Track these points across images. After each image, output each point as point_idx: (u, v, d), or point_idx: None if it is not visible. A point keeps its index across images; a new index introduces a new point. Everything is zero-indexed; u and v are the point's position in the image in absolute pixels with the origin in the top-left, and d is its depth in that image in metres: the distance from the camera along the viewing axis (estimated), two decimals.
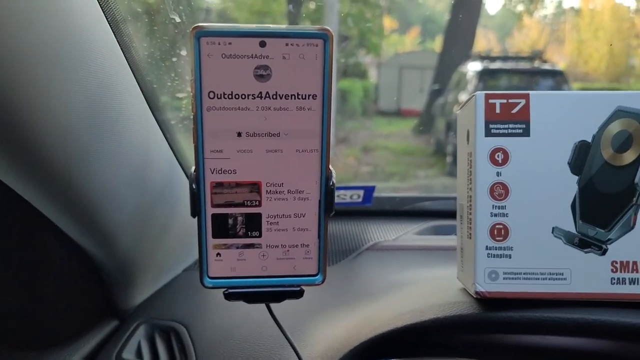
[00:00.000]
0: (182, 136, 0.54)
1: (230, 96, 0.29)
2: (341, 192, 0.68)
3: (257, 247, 0.31)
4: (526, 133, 0.36)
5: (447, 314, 0.37)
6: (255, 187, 0.31)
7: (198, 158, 0.30)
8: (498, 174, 0.36)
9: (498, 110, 0.36)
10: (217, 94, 0.29)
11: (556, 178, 0.36)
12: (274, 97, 0.29)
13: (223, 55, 0.28)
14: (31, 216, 0.39)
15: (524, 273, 0.36)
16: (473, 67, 3.83)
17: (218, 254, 0.31)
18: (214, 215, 0.31)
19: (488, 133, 0.37)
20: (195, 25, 0.28)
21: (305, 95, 0.30)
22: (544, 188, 0.36)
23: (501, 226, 0.36)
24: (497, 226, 0.36)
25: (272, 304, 0.33)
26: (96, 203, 0.41)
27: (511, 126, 0.36)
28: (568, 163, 0.36)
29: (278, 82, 0.29)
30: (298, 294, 0.32)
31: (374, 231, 0.68)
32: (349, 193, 0.68)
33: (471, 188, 0.37)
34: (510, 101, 0.36)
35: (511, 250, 0.36)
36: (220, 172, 0.30)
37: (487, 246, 0.36)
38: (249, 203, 0.31)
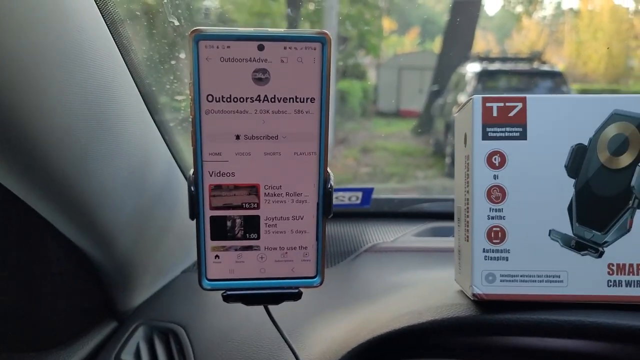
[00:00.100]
0: (181, 138, 0.54)
1: (228, 99, 0.29)
2: (340, 194, 0.68)
3: (256, 250, 0.31)
4: (523, 136, 0.36)
5: (445, 316, 0.37)
6: (253, 190, 0.31)
7: (197, 161, 0.30)
8: (495, 177, 0.37)
9: (495, 113, 0.37)
10: (216, 97, 0.29)
11: (553, 181, 0.36)
12: (272, 100, 0.29)
13: (221, 58, 0.28)
14: (29, 217, 0.39)
15: (521, 275, 0.36)
16: (472, 68, 3.83)
17: (216, 256, 0.31)
18: (213, 217, 0.31)
19: (485, 136, 0.37)
20: (194, 28, 0.28)
21: (303, 98, 0.30)
22: (541, 191, 0.36)
23: (498, 229, 0.37)
24: (494, 229, 0.37)
25: (271, 306, 0.34)
26: (94, 204, 0.41)
27: (508, 129, 0.37)
28: (565, 166, 0.36)
29: (276, 86, 0.29)
30: (296, 296, 0.32)
31: (373, 233, 0.68)
32: (348, 195, 0.68)
33: (468, 191, 0.38)
34: (507, 104, 0.37)
35: (508, 252, 0.37)
36: (218, 175, 0.30)
37: (484, 249, 0.37)
38: (248, 205, 0.31)
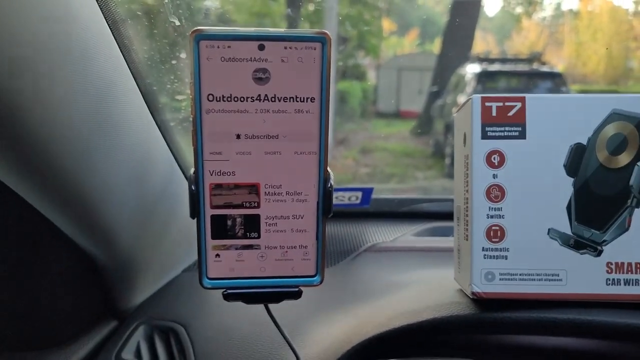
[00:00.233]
0: (182, 138, 0.54)
1: (229, 99, 0.29)
2: (339, 194, 0.68)
3: (256, 248, 0.32)
4: (522, 136, 0.37)
5: (444, 315, 0.37)
6: (254, 189, 0.31)
7: (197, 160, 0.30)
8: (494, 176, 0.37)
9: (494, 113, 0.37)
10: (216, 97, 0.29)
11: (552, 180, 0.37)
12: (273, 100, 0.30)
13: (222, 58, 0.28)
14: (30, 216, 0.39)
15: (520, 274, 0.37)
16: (472, 69, 3.84)
17: (217, 255, 0.31)
18: (213, 216, 0.31)
19: (484, 136, 0.37)
20: (194, 28, 0.28)
21: (303, 98, 0.30)
22: (540, 190, 0.37)
23: (497, 227, 0.37)
24: (494, 227, 0.37)
25: (271, 305, 0.34)
26: (96, 203, 0.41)
27: (507, 129, 0.37)
28: (564, 165, 0.37)
29: (277, 85, 0.29)
30: (296, 295, 0.32)
31: (372, 232, 0.69)
32: (348, 195, 0.68)
33: (468, 190, 0.38)
34: (506, 104, 0.37)
35: (507, 251, 0.37)
36: (219, 174, 0.30)
37: (484, 247, 0.37)
38: (248, 204, 0.31)
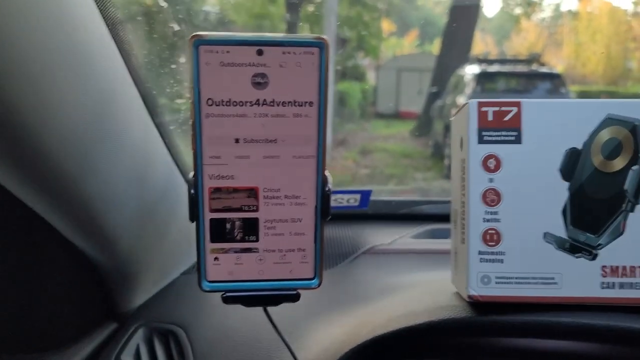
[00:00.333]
0: (181, 142, 0.54)
1: (228, 103, 0.29)
2: (338, 196, 0.68)
3: (255, 252, 0.32)
4: (518, 140, 0.37)
5: (441, 318, 0.38)
6: (252, 193, 0.31)
7: (197, 164, 0.30)
8: (490, 181, 0.37)
9: (490, 117, 0.37)
10: (216, 101, 0.29)
11: (547, 184, 0.37)
12: (271, 104, 0.30)
13: (221, 63, 0.29)
14: (30, 219, 0.40)
15: (516, 277, 0.37)
16: (471, 70, 3.84)
17: (216, 258, 0.32)
18: (212, 220, 0.31)
19: (481, 140, 0.37)
20: (194, 34, 0.28)
21: (301, 102, 0.30)
22: (536, 194, 0.37)
23: (493, 231, 0.37)
24: (490, 231, 0.37)
25: (269, 308, 0.34)
26: (95, 207, 0.41)
27: (503, 133, 0.37)
28: (559, 170, 0.37)
29: (275, 90, 0.30)
30: (295, 298, 0.33)
31: (371, 235, 0.69)
32: (346, 197, 0.68)
33: (464, 194, 0.38)
34: (502, 109, 0.37)
35: (503, 255, 0.37)
36: (218, 178, 0.31)
37: (480, 251, 0.37)
38: (247, 208, 0.31)
